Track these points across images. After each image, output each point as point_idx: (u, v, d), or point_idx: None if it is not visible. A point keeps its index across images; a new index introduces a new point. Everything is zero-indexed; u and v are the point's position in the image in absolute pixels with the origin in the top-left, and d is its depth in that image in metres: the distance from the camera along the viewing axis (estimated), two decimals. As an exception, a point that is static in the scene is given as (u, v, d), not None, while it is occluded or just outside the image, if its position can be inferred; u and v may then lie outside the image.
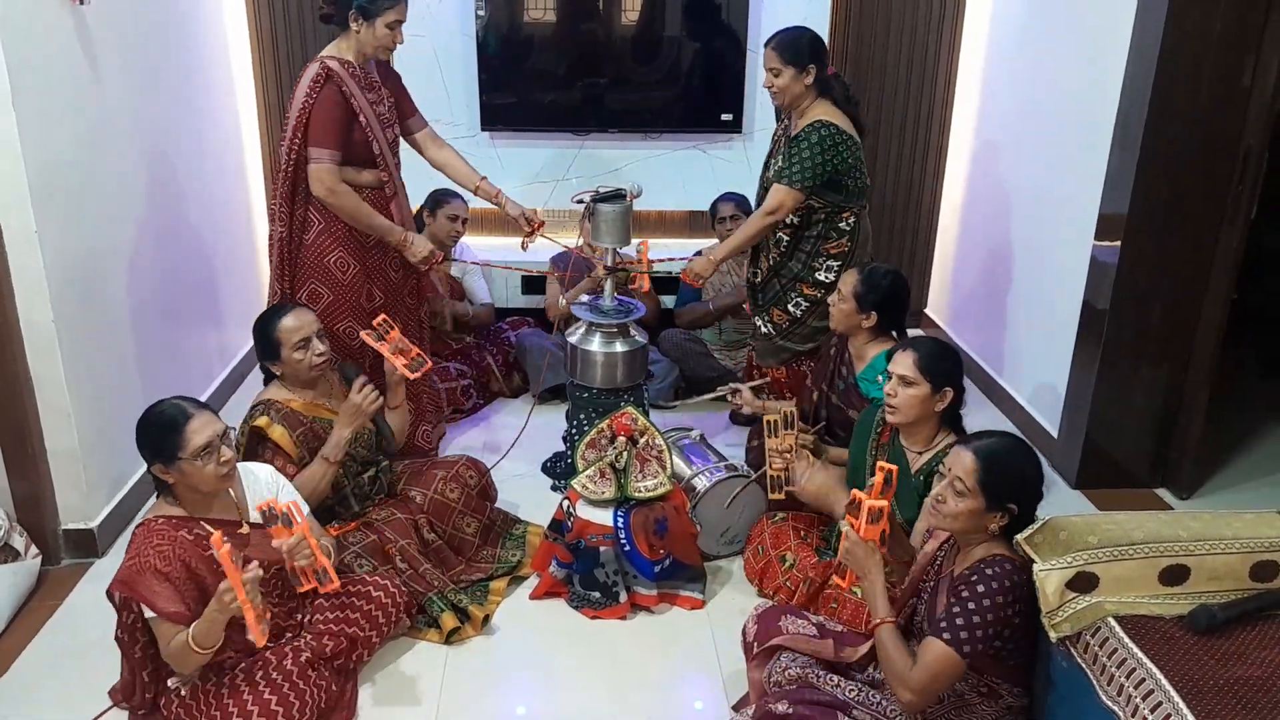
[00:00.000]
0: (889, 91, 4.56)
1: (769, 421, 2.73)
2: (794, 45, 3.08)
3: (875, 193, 4.68)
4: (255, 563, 2.09)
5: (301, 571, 2.20)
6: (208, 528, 2.24)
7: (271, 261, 3.16)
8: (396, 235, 3.17)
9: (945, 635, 1.94)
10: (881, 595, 2.06)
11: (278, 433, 2.68)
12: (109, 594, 2.24)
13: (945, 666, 1.94)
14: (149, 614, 2.17)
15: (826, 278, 3.23)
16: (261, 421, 2.69)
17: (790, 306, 3.31)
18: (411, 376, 2.90)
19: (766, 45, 3.14)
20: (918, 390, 2.46)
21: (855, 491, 2.12)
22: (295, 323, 2.71)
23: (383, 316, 2.97)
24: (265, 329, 2.74)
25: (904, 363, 2.48)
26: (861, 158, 3.18)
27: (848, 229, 3.22)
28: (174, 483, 2.24)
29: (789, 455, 2.71)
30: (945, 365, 2.49)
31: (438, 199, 3.97)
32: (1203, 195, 3.13)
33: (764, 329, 3.40)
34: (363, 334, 2.95)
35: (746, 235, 3.25)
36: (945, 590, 2.08)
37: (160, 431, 2.20)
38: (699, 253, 4.08)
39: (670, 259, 4.12)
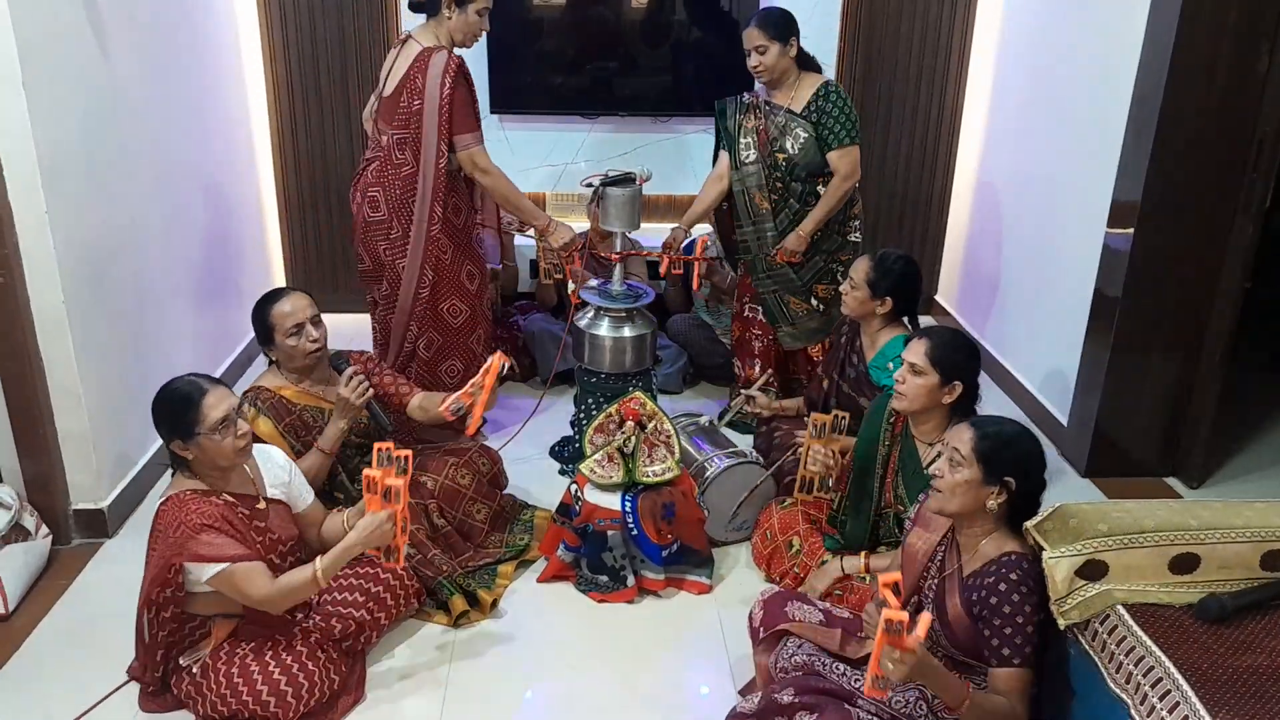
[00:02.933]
0: (901, 76, 4.53)
1: (818, 423, 2.69)
2: (776, 21, 3.25)
3: (886, 178, 4.67)
4: (392, 507, 2.22)
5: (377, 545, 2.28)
6: (229, 499, 2.26)
7: (394, 255, 3.21)
8: (542, 220, 3.29)
9: (1015, 660, 1.92)
10: (948, 680, 1.88)
11: (263, 427, 2.67)
12: (154, 571, 2.22)
13: (1026, 685, 1.93)
14: (212, 573, 2.16)
15: (856, 239, 3.44)
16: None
17: (839, 276, 3.41)
18: (470, 431, 2.89)
19: (747, 27, 3.27)
20: (926, 380, 2.43)
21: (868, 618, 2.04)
22: (289, 308, 2.70)
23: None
24: (261, 313, 2.73)
25: (916, 350, 2.45)
26: None
27: (857, 186, 3.41)
28: (193, 459, 2.25)
29: (833, 465, 2.69)
30: (957, 358, 2.44)
31: None
32: (1217, 183, 3.11)
33: (820, 308, 3.51)
34: (486, 378, 2.76)
35: (832, 204, 3.35)
36: (956, 589, 2.05)
37: (177, 407, 2.21)
38: (682, 233, 3.97)
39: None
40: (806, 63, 3.35)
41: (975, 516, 2.05)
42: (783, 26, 3.24)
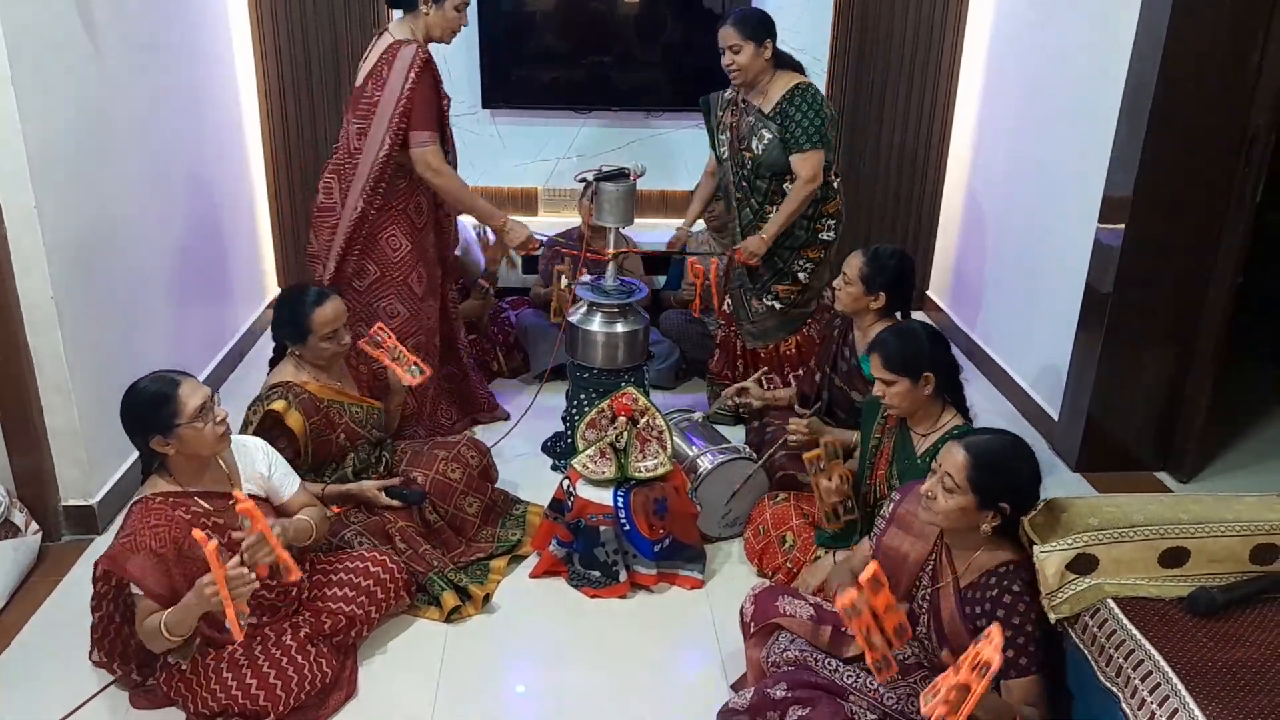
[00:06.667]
0: (893, 71, 4.52)
1: (811, 461, 2.66)
2: (751, 21, 3.21)
3: (878, 173, 4.67)
4: (237, 558, 2.07)
5: (258, 568, 2.14)
6: (203, 504, 2.24)
7: (334, 240, 3.14)
8: (498, 219, 3.25)
9: (1032, 669, 1.93)
10: (995, 704, 1.91)
11: (294, 419, 2.68)
12: (96, 565, 2.24)
13: (1042, 690, 1.95)
14: (134, 589, 2.17)
15: (829, 236, 3.39)
16: (279, 405, 2.68)
17: (799, 274, 3.40)
18: (413, 383, 2.93)
19: (722, 25, 3.23)
20: (898, 386, 2.44)
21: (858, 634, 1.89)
22: (331, 314, 2.73)
23: (379, 325, 2.97)
24: (296, 314, 2.73)
25: (875, 365, 2.47)
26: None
27: (837, 186, 3.36)
28: (172, 454, 2.24)
29: (844, 488, 2.64)
30: (910, 356, 2.43)
31: None
32: (1209, 177, 3.11)
33: (776, 307, 3.46)
34: (360, 343, 2.92)
35: (793, 208, 3.29)
36: (953, 601, 2.04)
37: (153, 404, 2.20)
38: (685, 232, 4.01)
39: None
40: (783, 62, 3.29)
41: (968, 530, 2.04)
42: (758, 27, 3.18)
